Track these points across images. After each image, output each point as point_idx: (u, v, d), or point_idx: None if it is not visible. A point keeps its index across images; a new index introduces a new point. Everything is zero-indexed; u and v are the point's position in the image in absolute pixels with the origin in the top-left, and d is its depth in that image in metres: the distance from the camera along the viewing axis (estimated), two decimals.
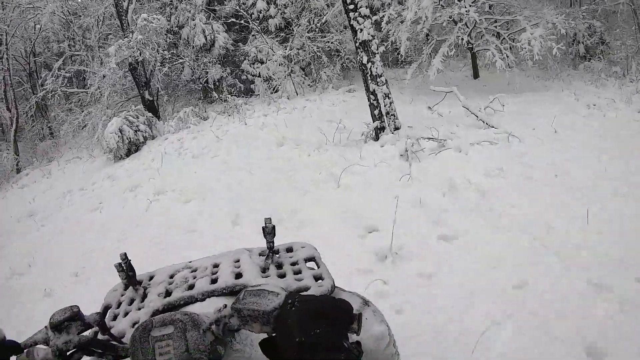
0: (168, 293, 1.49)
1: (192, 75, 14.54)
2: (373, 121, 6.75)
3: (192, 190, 6.45)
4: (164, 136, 11.51)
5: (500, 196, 4.68)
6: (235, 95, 13.52)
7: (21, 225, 8.53)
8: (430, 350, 2.62)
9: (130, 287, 1.55)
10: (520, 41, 9.97)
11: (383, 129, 6.67)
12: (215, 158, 8.13)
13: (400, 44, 11.35)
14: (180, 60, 14.08)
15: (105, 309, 1.52)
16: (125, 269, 1.47)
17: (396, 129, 6.71)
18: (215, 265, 1.60)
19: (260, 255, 1.67)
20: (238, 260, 1.60)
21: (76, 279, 5.12)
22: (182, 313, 1.03)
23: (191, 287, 1.48)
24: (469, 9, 9.49)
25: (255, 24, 13.65)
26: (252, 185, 6.10)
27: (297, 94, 12.83)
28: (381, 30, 15.14)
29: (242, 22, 13.76)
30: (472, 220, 4.23)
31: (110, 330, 1.23)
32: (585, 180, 4.93)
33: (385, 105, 6.59)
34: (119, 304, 1.52)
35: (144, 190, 7.63)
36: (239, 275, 1.51)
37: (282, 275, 1.51)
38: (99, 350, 1.07)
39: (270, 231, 1.54)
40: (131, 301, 1.50)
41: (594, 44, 13.92)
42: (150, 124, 12.18)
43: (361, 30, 6.44)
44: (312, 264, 1.62)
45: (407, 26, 10.39)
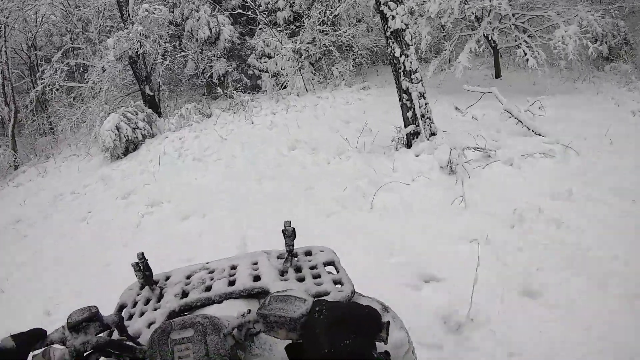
0: (185, 294, 1.41)
1: (196, 70, 13.36)
2: (405, 124, 5.58)
3: (191, 203, 5.33)
4: (164, 134, 10.38)
5: (578, 229, 3.56)
6: (241, 91, 12.33)
7: (5, 234, 7.62)
8: None
9: (147, 287, 1.46)
10: (553, 39, 8.82)
11: (417, 134, 5.51)
12: (218, 162, 7.02)
13: (420, 40, 10.16)
14: (183, 54, 12.89)
15: (121, 308, 1.44)
16: (142, 268, 1.39)
17: (432, 134, 5.56)
18: (233, 267, 1.52)
19: (278, 258, 1.56)
20: (256, 263, 1.52)
21: (48, 319, 4.00)
22: (203, 316, 0.93)
23: (208, 289, 1.40)
24: (501, 1, 8.30)
25: (264, 16, 12.45)
26: (262, 199, 4.97)
27: (307, 91, 11.66)
28: None
29: (249, 14, 12.56)
30: (555, 266, 3.12)
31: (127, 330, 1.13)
32: None
33: (420, 107, 5.42)
34: (135, 304, 1.43)
35: (137, 198, 6.53)
36: (257, 278, 1.42)
37: (301, 279, 1.40)
38: (117, 352, 0.97)
39: (290, 234, 1.42)
40: (147, 301, 1.42)
41: (617, 44, 12.70)
42: (150, 121, 11.06)
43: (393, 17, 5.26)
44: (331, 269, 1.49)
45: (430, 20, 9.20)
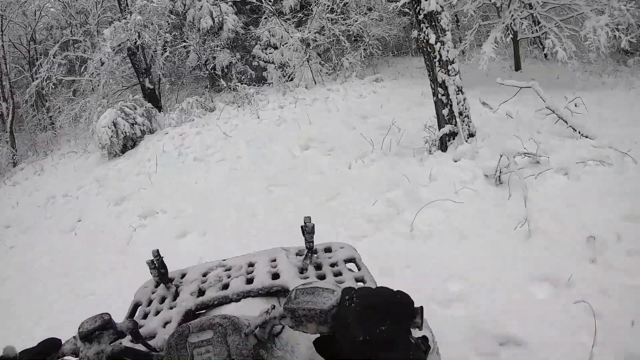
0: (201, 292, 1.34)
1: (198, 62, 12.38)
2: (440, 123, 4.62)
3: (190, 216, 4.43)
4: (164, 130, 9.46)
5: None
6: (245, 83, 11.37)
7: None
8: None
9: (162, 285, 1.40)
10: (583, 30, 7.84)
11: (454, 135, 4.58)
12: (221, 163, 6.11)
13: None
14: (184, 44, 11.90)
15: (135, 306, 1.39)
16: (158, 266, 1.34)
17: (470, 135, 4.62)
18: (251, 265, 1.46)
19: (297, 255, 1.50)
20: (274, 260, 1.45)
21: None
22: (221, 317, 0.87)
23: (225, 287, 1.34)
24: None
25: (269, 4, 11.43)
26: (273, 213, 4.05)
27: (316, 83, 10.69)
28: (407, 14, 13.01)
29: (254, 1, 11.54)
30: None
31: (141, 330, 1.11)
32: None
33: (458, 103, 4.47)
34: (149, 302, 1.37)
35: (131, 205, 5.67)
36: (275, 276, 1.34)
37: (322, 277, 1.34)
38: None
39: (310, 230, 1.36)
40: (162, 299, 1.36)
41: (638, 37, 11.63)
42: (150, 116, 10.14)
43: None
44: (352, 266, 1.43)
45: (450, 8, 8.21)
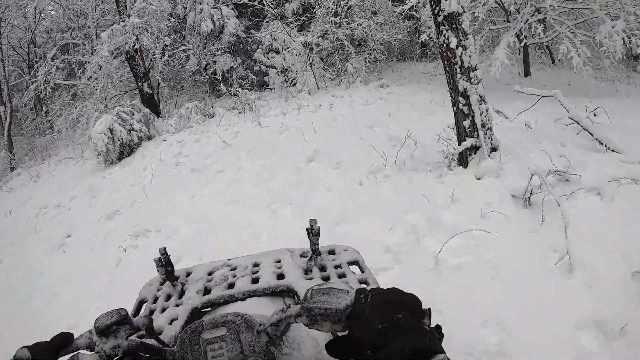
0: (207, 291, 1.34)
1: (198, 66, 11.92)
2: (460, 136, 4.10)
3: (184, 238, 3.97)
4: (162, 137, 9.00)
5: None
6: (247, 88, 10.92)
7: None
8: None
9: (168, 282, 1.40)
10: (599, 35, 7.38)
11: (475, 149, 4.12)
12: (221, 174, 5.64)
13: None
14: (184, 48, 11.44)
15: (140, 303, 1.38)
16: (165, 263, 1.34)
17: (493, 149, 4.14)
18: (256, 265, 1.44)
19: (301, 256, 1.48)
20: (279, 261, 1.44)
21: None
22: (234, 314, 0.89)
23: (231, 286, 1.34)
24: None
25: (272, 7, 10.99)
26: (275, 239, 3.55)
27: (319, 88, 10.24)
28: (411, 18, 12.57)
29: (256, 5, 11.09)
30: None
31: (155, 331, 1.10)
32: None
33: (481, 114, 3.98)
34: (155, 299, 1.36)
35: (122, 221, 5.20)
36: (280, 276, 1.35)
37: (326, 278, 1.34)
38: (146, 355, 0.90)
39: (316, 232, 1.35)
40: (168, 297, 1.36)
41: None
42: (148, 122, 9.69)
43: None
44: (355, 269, 1.42)
45: None
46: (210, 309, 1.30)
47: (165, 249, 1.37)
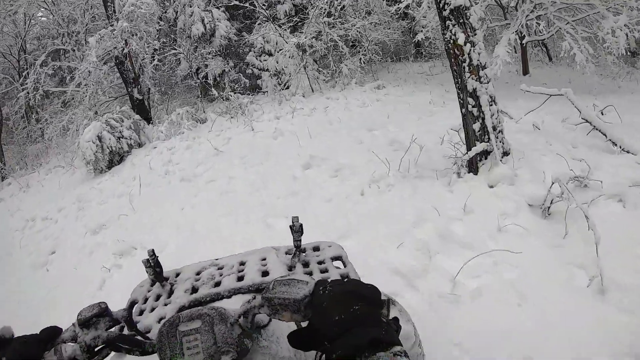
0: (194, 290, 1.32)
1: (189, 70, 11.53)
2: (469, 140, 3.74)
3: (173, 255, 3.63)
4: (152, 144, 8.62)
5: None
6: (239, 92, 10.54)
7: None
8: None
9: (157, 283, 1.37)
10: (602, 30, 7.10)
11: (486, 153, 3.78)
12: (211, 184, 5.29)
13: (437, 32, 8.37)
14: (174, 52, 11.06)
15: (132, 304, 1.34)
16: (153, 265, 1.30)
17: (505, 154, 3.79)
18: (242, 263, 1.42)
19: (286, 253, 1.46)
20: (264, 259, 1.42)
21: None
22: (209, 307, 0.90)
23: (217, 284, 1.32)
24: None
25: (263, 9, 10.62)
26: None
27: (313, 91, 9.89)
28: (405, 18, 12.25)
29: (247, 6, 10.72)
30: None
31: (137, 325, 1.13)
32: None
33: (492, 116, 3.64)
34: (146, 300, 1.35)
35: (108, 235, 4.85)
36: (265, 274, 1.34)
37: (309, 274, 1.32)
38: (127, 346, 0.93)
39: (297, 229, 1.35)
40: (157, 297, 1.34)
41: None
42: (138, 129, 9.29)
43: None
44: (339, 264, 1.40)
45: None
46: (197, 307, 1.18)
47: (153, 250, 1.33)
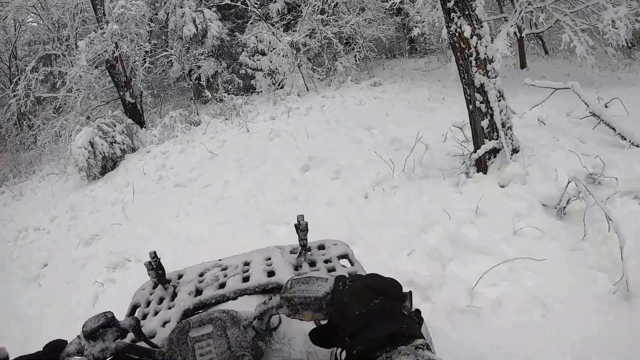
0: (199, 292, 1.32)
1: (182, 72, 11.29)
2: (477, 138, 3.54)
3: (168, 267, 3.37)
4: (146, 148, 8.40)
5: None
6: (233, 93, 10.31)
7: None
8: None
9: (160, 286, 1.36)
10: (602, 22, 6.94)
11: (495, 151, 3.59)
12: (207, 189, 5.09)
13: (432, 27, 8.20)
14: (166, 53, 10.82)
15: (134, 307, 1.35)
16: (155, 267, 1.30)
17: (514, 151, 3.61)
18: (246, 264, 1.41)
19: (291, 253, 1.46)
20: (269, 258, 1.40)
21: None
22: (220, 311, 0.87)
23: (222, 286, 1.31)
24: None
25: (256, 7, 10.39)
26: None
27: (308, 90, 9.69)
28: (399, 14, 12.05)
29: (239, 5, 10.48)
30: None
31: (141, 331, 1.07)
32: None
33: (501, 112, 3.45)
34: (148, 303, 1.34)
35: (101, 246, 4.65)
36: (271, 274, 1.32)
37: None
38: (136, 357, 0.87)
39: (303, 228, 1.32)
40: (161, 300, 1.33)
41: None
42: (131, 133, 9.08)
43: None
44: (345, 262, 1.39)
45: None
46: (202, 310, 1.24)
47: (155, 252, 1.30)
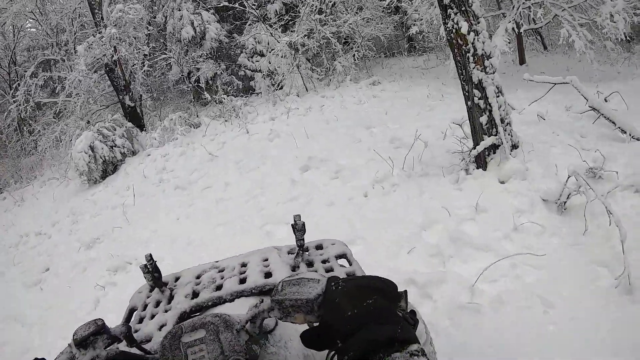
0: (195, 294, 1.29)
1: (181, 74, 11.29)
2: (476, 135, 3.53)
3: (168, 270, 3.36)
4: (146, 151, 8.39)
5: None
6: (232, 94, 10.30)
7: None
8: None
9: (156, 289, 1.34)
10: (600, 16, 6.92)
11: (495, 147, 3.57)
12: (207, 191, 5.08)
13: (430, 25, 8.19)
14: (165, 56, 10.82)
15: (131, 311, 1.33)
16: (151, 270, 1.27)
17: (514, 147, 3.59)
18: (243, 265, 1.38)
19: (289, 253, 1.43)
20: (267, 259, 1.38)
21: None
22: (212, 315, 0.84)
23: (219, 288, 1.28)
24: None
25: (253, 9, 10.39)
26: None
27: (307, 90, 9.68)
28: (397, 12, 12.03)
29: (237, 7, 10.48)
30: None
31: (137, 334, 1.06)
32: None
33: (499, 108, 3.44)
34: (145, 306, 1.32)
35: (102, 250, 4.64)
36: (268, 275, 1.29)
37: None
38: None
39: (300, 228, 1.30)
40: (157, 303, 1.31)
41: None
42: (131, 136, 9.07)
43: None
44: (344, 262, 1.37)
45: None
46: (199, 312, 1.23)
47: (151, 255, 1.28)
